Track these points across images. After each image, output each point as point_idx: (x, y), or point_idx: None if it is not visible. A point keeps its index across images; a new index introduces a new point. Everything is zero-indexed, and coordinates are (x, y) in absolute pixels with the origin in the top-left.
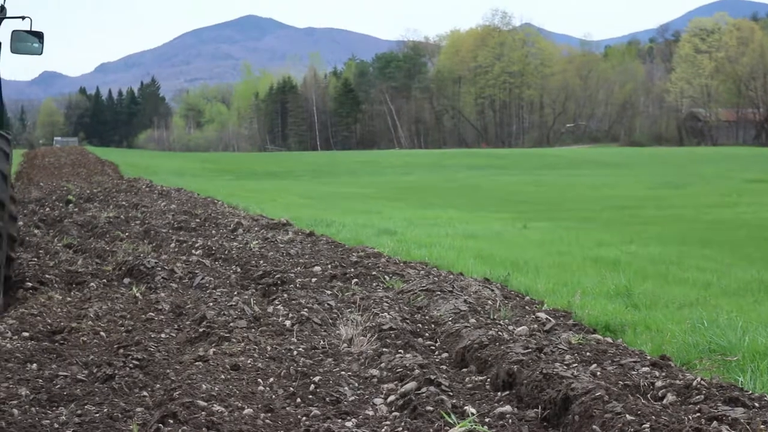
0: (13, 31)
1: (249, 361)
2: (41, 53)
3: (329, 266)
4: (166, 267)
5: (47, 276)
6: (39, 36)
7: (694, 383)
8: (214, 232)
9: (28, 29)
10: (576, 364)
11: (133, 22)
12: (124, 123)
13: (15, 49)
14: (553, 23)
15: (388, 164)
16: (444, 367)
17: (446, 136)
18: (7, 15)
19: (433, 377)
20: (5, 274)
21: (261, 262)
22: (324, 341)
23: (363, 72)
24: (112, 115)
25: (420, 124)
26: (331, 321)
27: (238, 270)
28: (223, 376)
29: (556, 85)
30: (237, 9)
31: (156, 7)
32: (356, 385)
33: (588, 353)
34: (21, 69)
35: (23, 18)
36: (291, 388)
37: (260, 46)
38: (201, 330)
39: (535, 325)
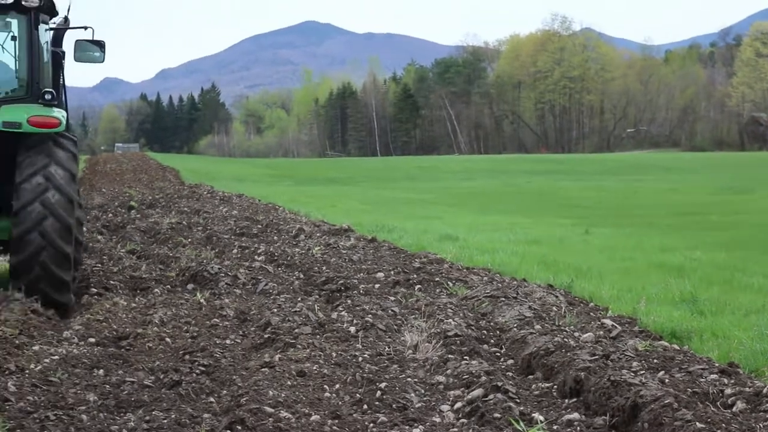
0: (77, 40)
1: (315, 368)
2: (103, 61)
3: (392, 272)
4: (229, 273)
5: (112, 282)
6: (100, 45)
7: (764, 391)
8: (276, 238)
9: (90, 39)
10: (643, 371)
11: (194, 29)
12: (185, 129)
13: (78, 58)
14: (613, 28)
15: (447, 170)
16: (510, 373)
17: (506, 141)
18: (71, 26)
19: (500, 384)
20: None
21: (324, 268)
22: (389, 347)
23: (422, 77)
24: (173, 121)
25: (479, 130)
26: (395, 327)
27: (301, 276)
28: (289, 383)
29: (616, 89)
30: (297, 15)
31: (216, 13)
32: (422, 391)
33: (655, 360)
34: (83, 75)
35: (86, 28)
36: (357, 395)
37: (320, 52)
38: (266, 336)
39: (601, 332)
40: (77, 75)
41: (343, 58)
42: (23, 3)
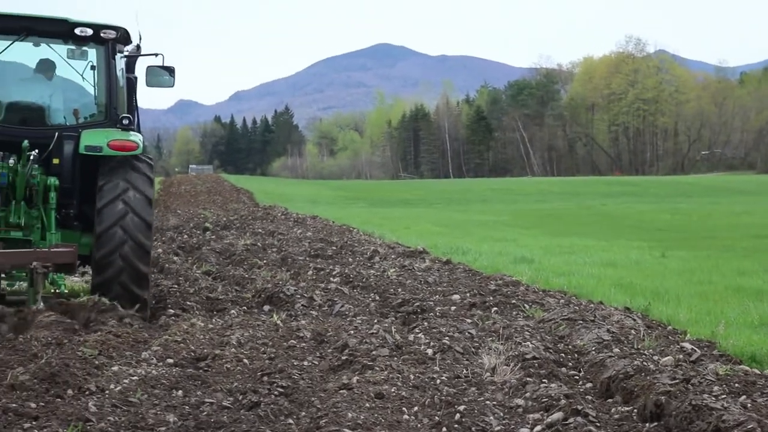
0: (148, 66)
1: (393, 390)
2: (173, 86)
3: (468, 294)
4: (305, 294)
5: (188, 303)
6: (170, 70)
7: None
8: (350, 259)
9: (161, 64)
10: (725, 396)
11: (268, 51)
12: (258, 151)
13: (150, 83)
14: (687, 49)
15: (521, 192)
16: (589, 397)
17: (579, 163)
18: (143, 53)
19: (579, 407)
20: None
21: (399, 290)
22: (467, 370)
23: (496, 99)
24: (247, 142)
25: (552, 152)
26: (473, 350)
27: (377, 298)
28: (368, 405)
29: (690, 112)
30: (370, 37)
31: (290, 36)
32: (501, 414)
33: (736, 384)
34: (158, 98)
35: (156, 55)
36: (436, 417)
37: (393, 74)
38: (344, 358)
39: (681, 356)
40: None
41: (416, 80)
42: (101, 35)
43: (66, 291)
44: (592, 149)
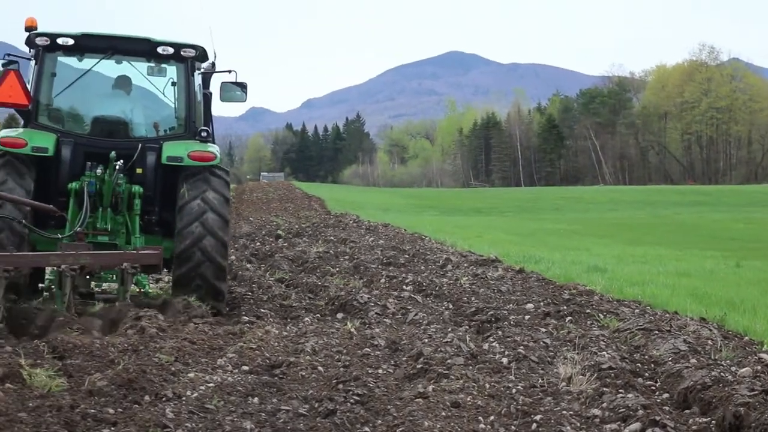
0: (222, 82)
1: (468, 399)
2: (245, 101)
3: (542, 303)
4: (378, 303)
5: (262, 310)
6: (243, 86)
7: None
8: (423, 267)
9: (234, 80)
10: None
11: (339, 59)
12: (330, 158)
13: (223, 98)
14: (761, 58)
15: (592, 200)
16: (666, 407)
17: (651, 172)
18: (217, 69)
19: (657, 418)
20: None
21: (473, 298)
22: (542, 379)
23: (567, 108)
24: (318, 150)
25: (625, 160)
26: (548, 359)
27: (450, 306)
28: (444, 413)
29: (764, 120)
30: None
31: (361, 44)
32: (578, 424)
33: None
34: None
35: (230, 71)
36: (512, 427)
37: (464, 82)
38: (419, 366)
39: (759, 367)
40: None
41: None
42: (182, 53)
43: (150, 291)
44: (665, 158)
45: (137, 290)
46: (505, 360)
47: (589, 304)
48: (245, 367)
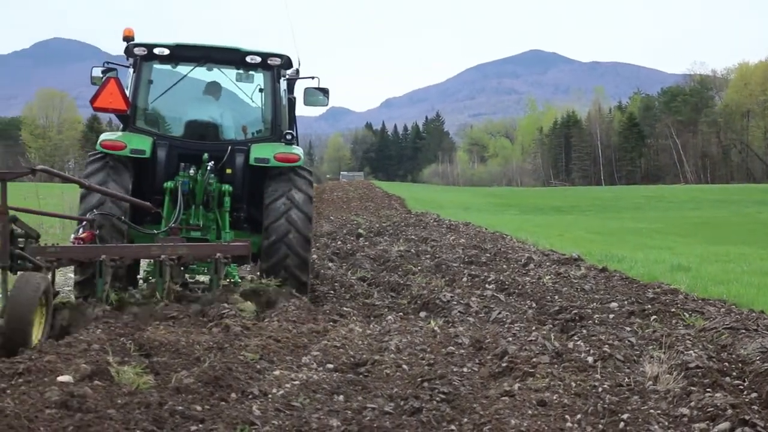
0: (306, 88)
1: (555, 397)
2: (327, 105)
3: (625, 302)
4: (461, 301)
5: (345, 308)
6: (325, 91)
7: None
8: (505, 266)
9: (317, 86)
10: None
11: (419, 59)
12: (409, 158)
13: (307, 102)
14: None
15: (674, 199)
16: (755, 407)
17: (733, 170)
18: (301, 76)
19: (747, 417)
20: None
21: (556, 297)
22: (628, 378)
23: (648, 106)
24: (397, 149)
25: (706, 159)
26: (633, 358)
27: (533, 305)
28: (530, 412)
29: None
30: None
31: (441, 43)
32: (666, 424)
33: None
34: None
35: (312, 77)
36: (600, 426)
37: (544, 80)
38: (504, 365)
39: None
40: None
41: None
42: (268, 61)
43: (239, 281)
44: (747, 156)
45: (227, 280)
46: (590, 359)
47: (673, 302)
48: (330, 365)
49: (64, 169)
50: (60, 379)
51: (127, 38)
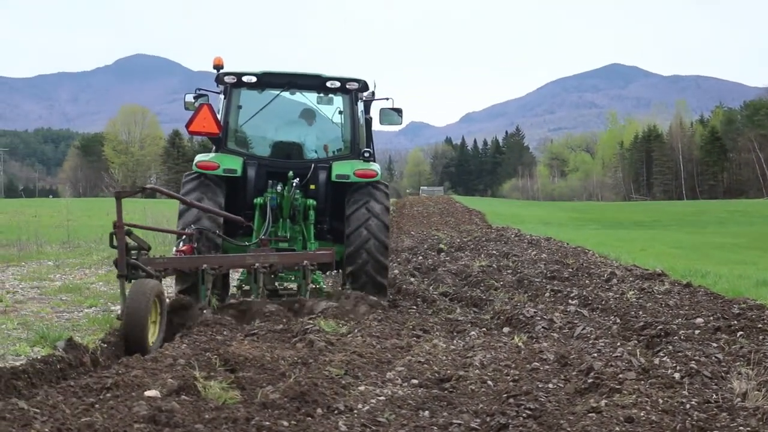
0: (381, 108)
1: (642, 414)
2: (401, 124)
3: (711, 318)
4: (544, 316)
5: (428, 324)
6: (399, 111)
7: None
8: (587, 281)
9: (391, 107)
10: None
11: (498, 73)
12: (489, 172)
13: (382, 122)
14: None
15: (757, 213)
16: None
17: None
18: (377, 97)
19: None
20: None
21: (640, 312)
22: (716, 395)
23: (730, 120)
24: (477, 164)
25: None
26: (721, 374)
27: (618, 320)
28: (617, 428)
29: None
30: (601, 58)
31: (521, 58)
32: None
33: None
34: None
35: (387, 99)
36: None
37: (625, 94)
38: (590, 381)
39: None
40: None
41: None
42: (347, 86)
43: (324, 287)
44: None
45: (313, 286)
46: (677, 375)
47: (760, 318)
48: (414, 381)
49: (147, 184)
50: (147, 393)
51: (217, 66)
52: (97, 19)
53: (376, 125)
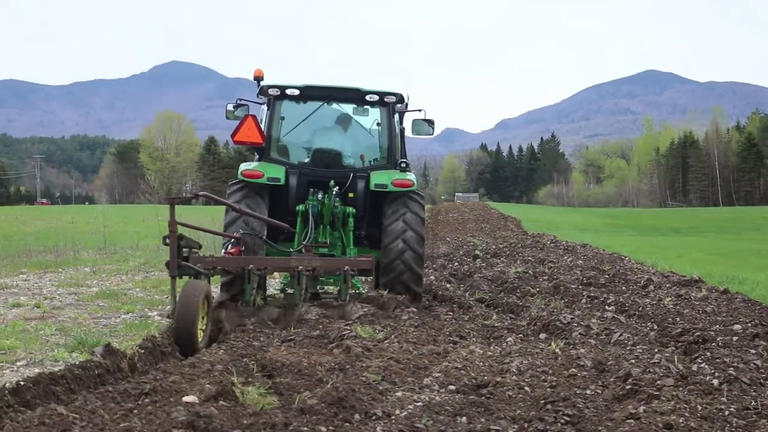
0: (413, 119)
1: (681, 420)
2: (432, 134)
3: (749, 324)
4: (581, 323)
5: (465, 330)
6: (431, 122)
7: None
8: (624, 288)
9: (423, 118)
10: None
11: (534, 80)
12: (524, 179)
13: (414, 132)
14: None
15: None
16: None
17: None
18: (409, 109)
19: None
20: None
21: (677, 319)
22: (755, 402)
23: (767, 126)
24: (512, 170)
25: None
26: (760, 381)
27: (655, 327)
28: None
29: None
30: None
31: (556, 64)
32: None
33: None
34: None
35: (419, 110)
36: None
37: (661, 101)
38: (627, 387)
39: None
40: None
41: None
42: (385, 99)
43: (363, 292)
44: None
45: (353, 291)
46: (715, 381)
47: None
48: (452, 387)
49: (182, 191)
50: (185, 399)
51: (258, 78)
52: (133, 27)
53: (408, 134)
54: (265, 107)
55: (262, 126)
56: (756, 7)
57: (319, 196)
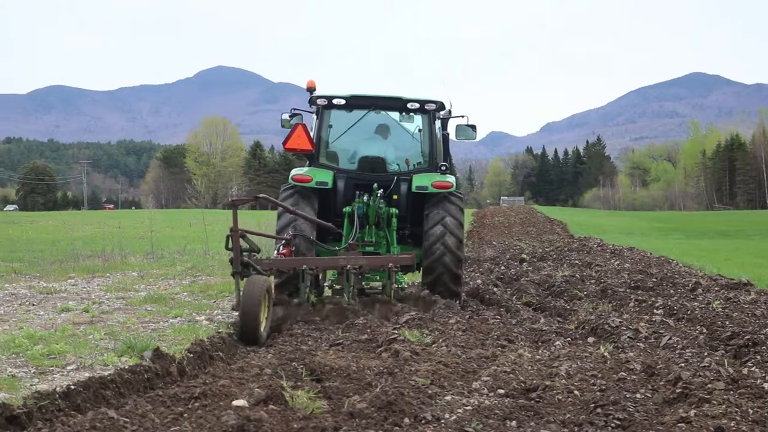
0: (457, 125)
1: (732, 424)
2: (475, 139)
3: None
4: (630, 326)
5: (513, 333)
6: (473, 127)
7: None
8: (672, 291)
9: (466, 123)
10: None
11: (579, 83)
12: (570, 182)
13: (458, 137)
14: None
15: None
16: None
17: None
18: (453, 115)
19: None
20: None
21: (726, 322)
22: None
23: None
24: (558, 174)
25: None
26: None
27: (704, 330)
28: None
29: None
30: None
31: (602, 67)
32: None
33: None
34: None
35: (462, 116)
36: None
37: (707, 103)
38: (678, 391)
39: None
40: None
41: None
42: (426, 107)
43: (405, 287)
44: None
45: (396, 286)
46: (766, 385)
47: None
48: (501, 390)
49: (229, 196)
50: (235, 403)
51: (310, 89)
52: (179, 32)
53: (452, 138)
54: (315, 116)
55: (312, 134)
56: None
57: (365, 198)
